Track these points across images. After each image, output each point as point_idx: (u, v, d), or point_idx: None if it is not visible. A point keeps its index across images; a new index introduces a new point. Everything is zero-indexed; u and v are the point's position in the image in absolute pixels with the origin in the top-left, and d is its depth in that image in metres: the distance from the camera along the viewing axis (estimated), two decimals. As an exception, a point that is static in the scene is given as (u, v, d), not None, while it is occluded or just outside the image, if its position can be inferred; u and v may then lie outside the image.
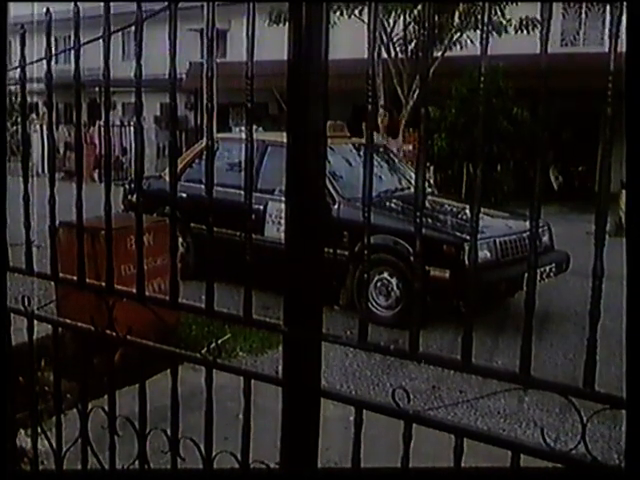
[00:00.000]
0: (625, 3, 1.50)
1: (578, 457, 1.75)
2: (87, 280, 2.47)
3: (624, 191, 13.80)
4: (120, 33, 2.31)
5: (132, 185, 9.50)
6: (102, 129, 2.57)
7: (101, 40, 2.25)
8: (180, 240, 7.92)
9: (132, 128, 18.76)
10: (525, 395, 5.06)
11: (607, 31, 1.63)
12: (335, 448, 2.82)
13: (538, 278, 1.84)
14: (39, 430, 2.71)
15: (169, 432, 2.35)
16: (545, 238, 7.94)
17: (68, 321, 2.63)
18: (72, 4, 2.27)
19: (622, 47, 1.57)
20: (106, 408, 2.47)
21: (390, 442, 2.16)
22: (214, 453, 2.26)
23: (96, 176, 18.09)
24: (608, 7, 1.59)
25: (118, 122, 21.21)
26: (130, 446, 2.46)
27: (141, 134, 2.36)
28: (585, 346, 1.70)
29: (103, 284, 2.42)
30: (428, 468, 2.00)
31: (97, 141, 20.35)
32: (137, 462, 2.45)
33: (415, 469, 1.96)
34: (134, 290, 2.34)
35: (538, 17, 1.69)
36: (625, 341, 1.53)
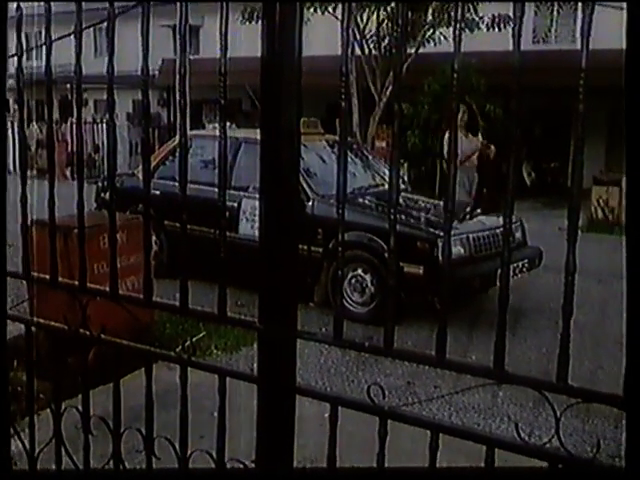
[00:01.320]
0: (625, 3, 1.51)
1: (552, 451, 1.76)
2: (60, 279, 2.45)
3: (595, 187, 13.96)
4: (92, 29, 2.29)
5: (105, 183, 9.44)
6: (74, 126, 2.54)
7: (73, 36, 2.23)
8: (154, 238, 7.88)
9: (104, 125, 18.61)
10: (499, 390, 5.10)
11: (579, 29, 1.64)
12: (311, 445, 2.82)
13: (511, 274, 1.86)
14: (12, 431, 2.69)
15: (144, 431, 2.34)
16: (518, 234, 8.00)
17: (41, 320, 2.61)
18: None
19: (594, 44, 1.59)
20: (80, 408, 2.46)
21: (366, 438, 2.17)
22: (189, 452, 2.25)
23: (68, 174, 17.93)
24: (580, 5, 1.60)
25: (90, 119, 21.04)
26: (105, 446, 2.44)
27: (114, 131, 2.35)
28: (558, 341, 1.72)
29: (76, 283, 2.40)
30: (404, 468, 2.01)
31: (69, 138, 20.15)
32: (112, 462, 2.43)
33: (391, 468, 1.97)
34: (107, 288, 2.33)
35: (510, 14, 1.70)
36: (625, 341, 1.55)
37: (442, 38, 15.62)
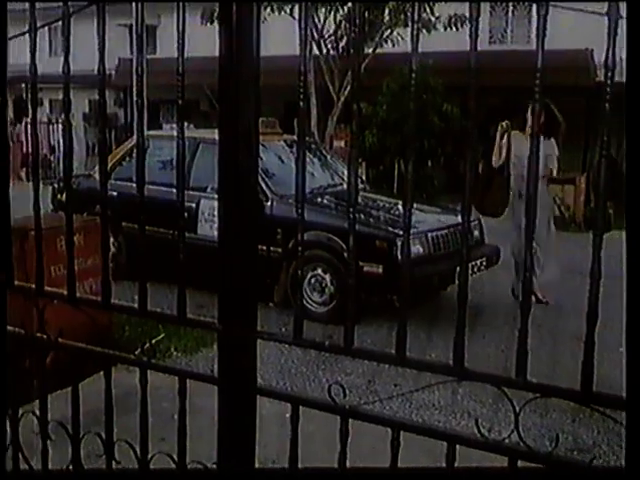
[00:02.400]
0: (625, 3, 1.52)
1: (512, 446, 1.78)
2: (16, 282, 2.42)
3: (551, 185, 14.14)
4: (47, 28, 2.26)
5: (61, 184, 9.32)
6: (29, 127, 2.51)
7: (27, 35, 2.20)
8: (111, 240, 7.80)
9: (60, 125, 18.40)
10: (459, 387, 5.14)
11: (534, 29, 1.66)
12: (272, 445, 2.82)
13: (470, 272, 1.88)
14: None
15: (104, 435, 2.32)
16: (476, 232, 8.07)
17: (-4, 324, 2.57)
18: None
19: (550, 45, 1.61)
20: (38, 413, 2.43)
21: (327, 438, 2.17)
22: (150, 455, 2.24)
23: (24, 175, 17.67)
24: (534, 6, 1.62)
25: (46, 119, 20.77)
26: (64, 451, 2.41)
27: (70, 131, 2.32)
28: (516, 337, 1.74)
29: (33, 286, 2.37)
30: (366, 467, 2.01)
31: (24, 139, 19.86)
32: (71, 467, 2.40)
33: (353, 468, 1.98)
34: (65, 292, 2.30)
35: (467, 14, 1.71)
36: (625, 341, 1.57)
37: (400, 38, 15.69)
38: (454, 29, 15.86)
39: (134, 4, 2.01)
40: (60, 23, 2.15)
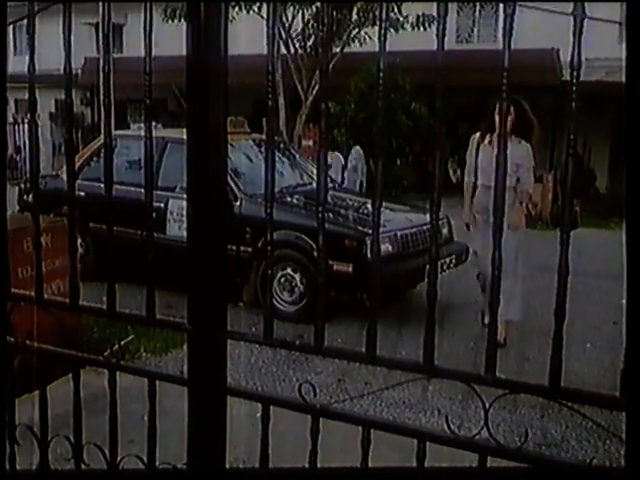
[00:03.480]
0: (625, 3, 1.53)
1: (482, 442, 1.80)
2: (-19, 284, 2.39)
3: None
4: (11, 27, 2.23)
5: (28, 184, 9.21)
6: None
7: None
8: (79, 240, 7.73)
9: (26, 125, 18.18)
10: (429, 384, 5.17)
11: (501, 29, 1.67)
12: (243, 445, 2.81)
13: (439, 270, 1.88)
14: None
15: (72, 438, 2.30)
16: (445, 230, 8.12)
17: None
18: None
19: (516, 44, 1.63)
20: (5, 417, 2.40)
21: (298, 437, 2.17)
22: (119, 457, 2.22)
23: (-12, 176, 17.44)
24: (501, 6, 1.63)
25: (11, 119, 20.52)
26: (32, 455, 2.39)
27: (36, 131, 2.30)
28: (485, 334, 1.75)
29: (-1, 288, 2.34)
30: (337, 467, 2.02)
31: (-11, 139, 19.63)
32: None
33: (323, 468, 1.98)
34: (32, 293, 2.27)
35: (434, 14, 1.72)
36: (625, 341, 1.58)
37: (367, 38, 15.73)
38: (422, 29, 15.93)
39: (100, 3, 1.99)
40: (25, 22, 2.13)
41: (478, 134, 6.72)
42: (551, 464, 1.82)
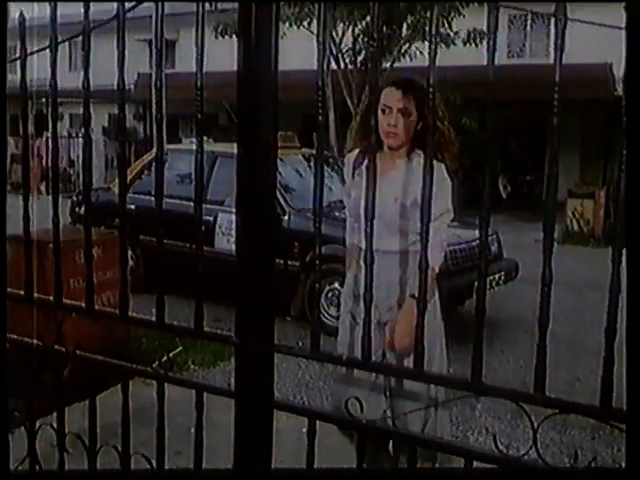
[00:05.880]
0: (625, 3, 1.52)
1: (530, 462, 1.77)
2: (35, 294, 2.43)
3: (570, 199, 14.11)
4: (67, 43, 2.28)
5: (80, 197, 9.37)
6: (49, 141, 2.53)
7: (48, 50, 2.22)
8: (129, 253, 7.83)
9: (80, 139, 18.52)
10: (477, 402, 5.10)
11: (552, 43, 1.66)
12: (288, 460, 2.81)
13: (488, 286, 1.86)
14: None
15: (120, 448, 2.32)
16: (494, 247, 8.03)
17: (15, 337, 2.58)
18: (17, 14, 2.23)
19: (567, 59, 1.61)
20: (55, 425, 2.43)
21: (343, 452, 2.16)
22: (166, 468, 2.23)
23: (43, 188, 17.76)
24: (553, 20, 1.61)
25: (66, 133, 20.92)
26: (80, 464, 2.41)
27: (89, 145, 2.34)
28: (535, 352, 1.72)
29: (51, 299, 2.38)
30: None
31: (44, 153, 20.02)
32: None
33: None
34: (83, 304, 2.31)
35: (485, 29, 1.72)
36: (626, 349, 1.55)
37: (418, 53, 15.71)
38: (473, 45, 15.85)
39: (153, 19, 2.02)
40: (80, 38, 2.17)
41: (357, 151, 3.60)
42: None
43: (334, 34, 15.87)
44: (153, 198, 2.17)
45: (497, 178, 18.22)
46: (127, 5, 2.06)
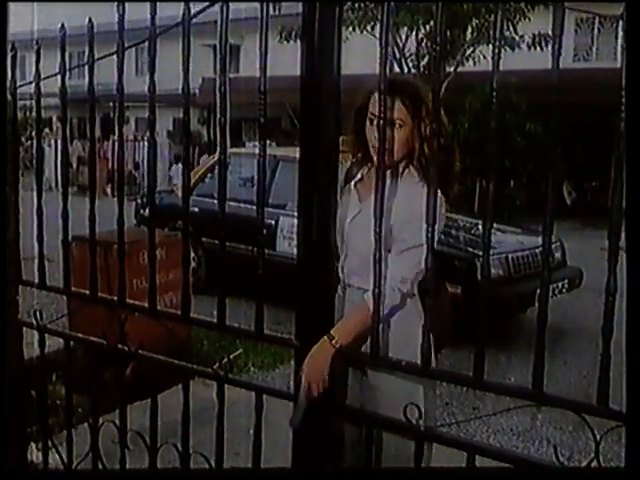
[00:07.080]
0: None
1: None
2: (99, 294, 2.48)
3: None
4: (134, 48, 2.32)
5: (144, 199, 9.51)
6: (115, 144, 2.58)
7: (115, 55, 2.26)
8: (192, 254, 7.93)
9: (145, 143, 18.81)
10: (539, 412, 5.02)
11: (620, 46, 1.63)
12: (345, 465, 2.80)
13: (550, 294, 1.83)
14: (50, 444, 2.71)
15: (180, 447, 2.35)
16: (558, 254, 7.89)
17: (80, 335, 2.64)
18: (87, 20, 2.28)
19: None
20: (117, 422, 2.47)
21: (400, 459, 2.14)
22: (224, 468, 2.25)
23: (109, 190, 18.13)
24: (620, 22, 1.59)
25: (131, 137, 21.29)
26: (141, 460, 2.45)
27: (154, 149, 2.37)
28: (599, 363, 1.69)
29: (115, 298, 2.42)
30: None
31: (110, 155, 20.43)
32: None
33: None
34: (146, 304, 2.34)
35: (550, 33, 1.69)
36: (625, 347, 1.52)
37: (482, 57, 15.56)
38: (538, 48, 15.63)
39: (218, 24, 2.04)
40: (146, 44, 2.21)
41: (349, 163, 2.71)
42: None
43: (397, 39, 15.84)
44: (216, 201, 2.20)
45: (562, 184, 17.91)
46: (192, 11, 2.09)
